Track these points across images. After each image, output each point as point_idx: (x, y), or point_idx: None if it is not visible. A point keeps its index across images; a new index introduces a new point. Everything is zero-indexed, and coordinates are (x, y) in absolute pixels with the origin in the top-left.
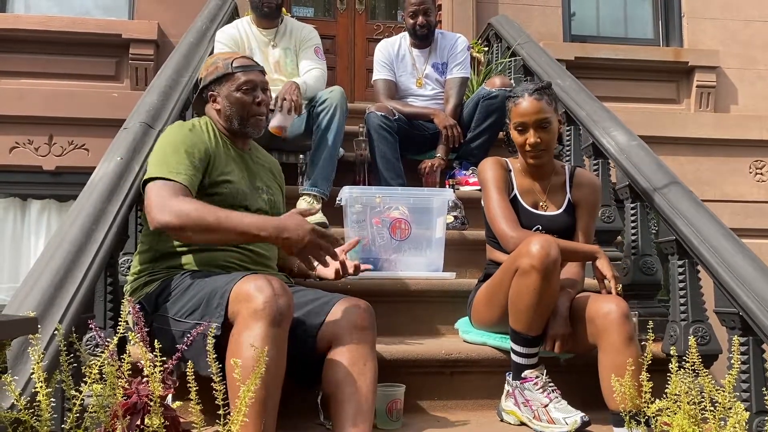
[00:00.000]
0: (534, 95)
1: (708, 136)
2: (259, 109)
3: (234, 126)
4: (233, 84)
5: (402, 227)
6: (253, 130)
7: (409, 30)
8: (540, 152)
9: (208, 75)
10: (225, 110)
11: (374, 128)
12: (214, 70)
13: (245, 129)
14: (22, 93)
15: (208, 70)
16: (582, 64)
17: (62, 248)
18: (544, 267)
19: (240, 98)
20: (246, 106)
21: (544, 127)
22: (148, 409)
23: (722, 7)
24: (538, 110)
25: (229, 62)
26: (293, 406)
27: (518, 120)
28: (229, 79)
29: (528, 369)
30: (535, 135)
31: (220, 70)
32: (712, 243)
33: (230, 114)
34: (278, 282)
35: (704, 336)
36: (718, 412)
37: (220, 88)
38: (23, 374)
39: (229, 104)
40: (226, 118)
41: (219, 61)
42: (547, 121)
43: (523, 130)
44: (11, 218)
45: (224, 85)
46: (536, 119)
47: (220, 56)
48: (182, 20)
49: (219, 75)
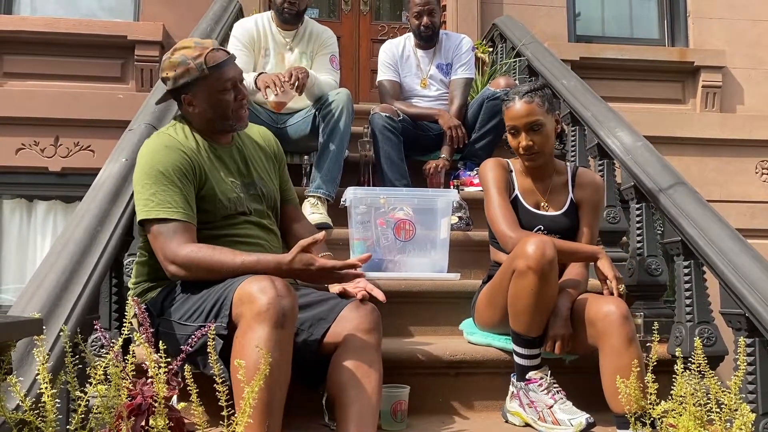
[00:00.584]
0: (525, 98)
1: (714, 137)
2: (241, 103)
3: (216, 126)
4: (211, 86)
5: (406, 228)
6: (238, 125)
7: (414, 31)
8: (533, 155)
9: (179, 77)
10: (206, 113)
11: (379, 129)
12: (184, 72)
13: (229, 125)
14: (28, 94)
15: (177, 70)
16: (587, 64)
17: (67, 249)
18: (540, 267)
19: (221, 99)
20: (228, 106)
21: (536, 130)
22: (152, 410)
23: (729, 7)
24: (528, 113)
25: (202, 62)
26: (298, 407)
27: (510, 123)
28: (206, 81)
29: (531, 370)
30: (526, 138)
31: (193, 72)
32: (718, 244)
33: (212, 116)
34: (282, 283)
35: (710, 337)
36: (724, 414)
37: (195, 90)
38: (28, 375)
39: (210, 106)
40: (207, 121)
41: (189, 60)
42: (537, 123)
43: (516, 133)
44: (17, 219)
45: (200, 88)
46: (526, 122)
47: (187, 54)
48: (187, 22)
49: (193, 78)
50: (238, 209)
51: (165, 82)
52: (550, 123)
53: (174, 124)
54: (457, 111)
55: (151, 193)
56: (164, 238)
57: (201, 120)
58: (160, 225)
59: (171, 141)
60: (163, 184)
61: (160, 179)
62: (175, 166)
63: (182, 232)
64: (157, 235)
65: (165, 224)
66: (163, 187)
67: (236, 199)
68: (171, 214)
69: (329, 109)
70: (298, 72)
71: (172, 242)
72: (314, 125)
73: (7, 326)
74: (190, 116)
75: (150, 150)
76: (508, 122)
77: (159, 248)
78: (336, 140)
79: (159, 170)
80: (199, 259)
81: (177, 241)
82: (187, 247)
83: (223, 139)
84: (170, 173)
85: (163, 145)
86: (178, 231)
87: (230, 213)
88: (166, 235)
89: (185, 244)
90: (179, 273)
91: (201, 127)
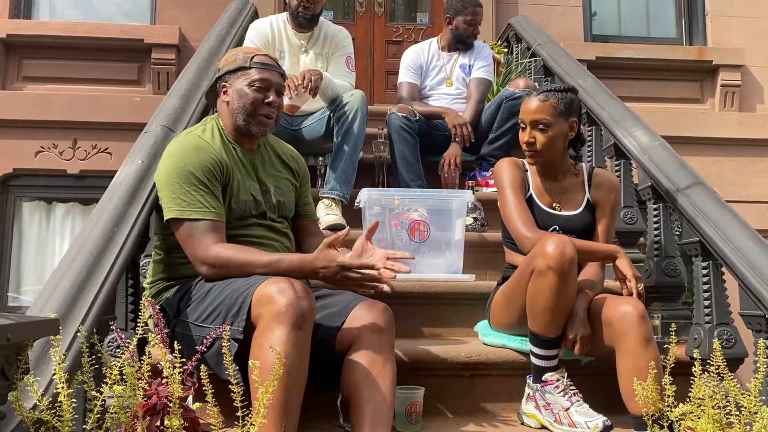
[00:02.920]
0: (541, 95)
1: (733, 136)
2: (268, 109)
3: (239, 122)
4: (247, 78)
5: (421, 229)
6: (257, 129)
7: (460, 36)
8: (533, 153)
9: (226, 66)
10: (233, 103)
11: (395, 129)
12: (233, 61)
13: (249, 126)
14: (47, 98)
15: (228, 60)
16: (603, 64)
17: (84, 250)
18: (560, 267)
19: (250, 94)
20: (255, 103)
21: (541, 129)
22: (167, 410)
23: (747, 5)
24: (536, 110)
25: (249, 56)
26: (313, 408)
27: (520, 116)
28: (245, 73)
29: (548, 372)
30: (530, 134)
31: (239, 62)
32: (737, 244)
33: (236, 108)
34: (300, 284)
35: (729, 339)
36: (744, 417)
37: (234, 80)
38: (45, 375)
39: (238, 98)
40: (232, 113)
41: (240, 53)
42: (543, 122)
43: (524, 127)
44: (36, 221)
45: (239, 79)
46: (532, 118)
47: (242, 49)
48: (203, 25)
49: (236, 67)
50: (252, 212)
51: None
52: (559, 126)
53: (204, 125)
54: (474, 107)
55: (182, 192)
56: (195, 239)
57: (228, 112)
58: (191, 225)
59: (200, 142)
60: (193, 184)
61: (191, 179)
62: (205, 166)
63: (212, 231)
64: (188, 235)
65: (196, 224)
66: (194, 187)
67: (253, 202)
68: (203, 214)
69: (343, 111)
70: (312, 74)
71: (203, 242)
72: (329, 127)
73: (25, 326)
74: (221, 109)
75: (179, 150)
76: (519, 115)
77: (189, 248)
78: (350, 142)
79: (189, 170)
80: (229, 258)
81: (207, 241)
82: (217, 247)
83: (250, 144)
84: (200, 173)
85: (192, 146)
86: (208, 231)
87: (244, 215)
88: (196, 235)
89: (215, 244)
90: (209, 272)
91: (230, 123)
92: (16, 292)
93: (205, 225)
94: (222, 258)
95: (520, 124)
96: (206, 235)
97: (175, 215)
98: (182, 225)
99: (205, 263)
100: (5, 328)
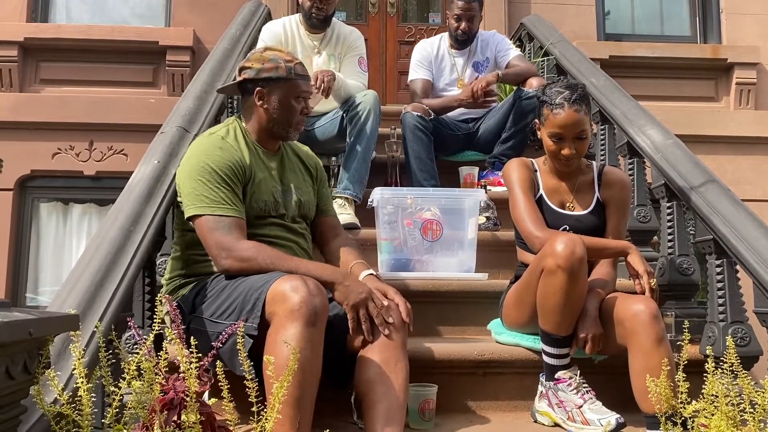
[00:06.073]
0: (574, 106)
1: (748, 134)
2: (302, 118)
3: (275, 129)
4: (291, 90)
5: (433, 228)
6: (293, 134)
7: (451, 32)
8: (572, 161)
9: (264, 70)
10: (272, 113)
11: (410, 128)
12: (273, 68)
13: (288, 134)
14: (63, 100)
15: (266, 64)
16: (617, 62)
17: (102, 249)
18: (569, 265)
19: (293, 106)
20: (296, 115)
21: (582, 138)
22: (184, 405)
23: (762, 2)
24: (577, 122)
25: (292, 67)
26: (327, 405)
27: (555, 131)
28: (289, 84)
29: (561, 370)
30: (571, 147)
31: (281, 71)
32: (752, 242)
33: (277, 117)
34: (313, 282)
35: (744, 337)
36: (758, 414)
37: (274, 89)
38: (65, 370)
39: (280, 108)
40: (270, 120)
41: (281, 61)
42: (584, 132)
43: (560, 140)
44: (54, 222)
45: (281, 88)
46: (575, 132)
47: (280, 55)
48: (217, 26)
49: (278, 76)
50: (271, 212)
51: (244, 70)
52: (590, 128)
53: (226, 126)
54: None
55: (205, 189)
56: (220, 233)
57: (262, 119)
58: (216, 220)
59: (223, 143)
60: (216, 182)
61: (214, 177)
62: (228, 165)
63: (237, 228)
64: (211, 230)
65: (221, 219)
66: (217, 185)
67: (273, 203)
68: (227, 211)
69: (356, 111)
70: (325, 75)
71: (230, 236)
72: (341, 127)
73: (46, 321)
74: (251, 112)
75: (202, 149)
76: (553, 128)
77: (213, 241)
78: (363, 142)
79: (212, 168)
80: (258, 255)
81: (234, 236)
82: (245, 243)
83: (271, 145)
84: (224, 172)
85: (216, 146)
86: (233, 227)
87: (263, 214)
88: (221, 230)
89: (243, 240)
90: (234, 266)
91: (258, 126)
92: (33, 292)
93: (230, 221)
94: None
95: (554, 137)
96: (233, 230)
97: (198, 212)
98: (205, 221)
99: (231, 256)
100: (27, 323)
